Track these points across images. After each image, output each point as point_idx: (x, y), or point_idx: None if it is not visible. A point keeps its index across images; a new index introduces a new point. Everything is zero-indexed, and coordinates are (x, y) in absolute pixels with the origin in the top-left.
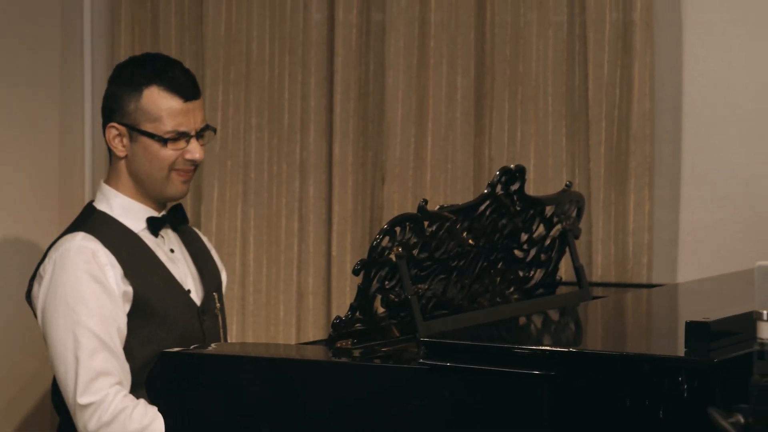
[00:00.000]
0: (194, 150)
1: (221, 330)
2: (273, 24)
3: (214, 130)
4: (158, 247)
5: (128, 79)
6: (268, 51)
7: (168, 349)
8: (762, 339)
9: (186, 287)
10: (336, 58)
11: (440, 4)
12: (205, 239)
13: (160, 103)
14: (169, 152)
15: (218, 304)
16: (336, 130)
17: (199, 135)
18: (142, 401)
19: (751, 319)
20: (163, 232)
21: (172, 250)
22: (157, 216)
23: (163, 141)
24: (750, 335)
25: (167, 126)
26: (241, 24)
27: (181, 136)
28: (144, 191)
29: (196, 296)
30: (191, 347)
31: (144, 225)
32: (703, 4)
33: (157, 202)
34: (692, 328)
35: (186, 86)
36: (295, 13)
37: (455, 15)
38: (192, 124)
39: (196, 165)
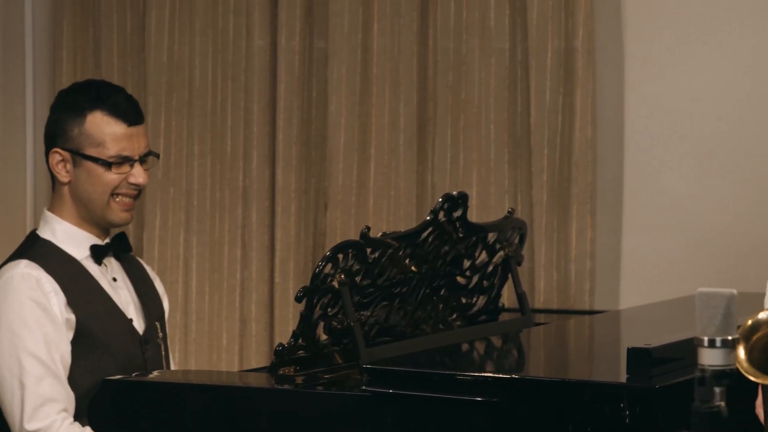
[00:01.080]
0: (138, 174)
1: (164, 359)
2: (215, 51)
3: (158, 156)
4: (101, 276)
5: (71, 104)
6: (211, 78)
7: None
8: (703, 365)
9: (128, 316)
10: (279, 84)
11: (383, 30)
12: (148, 268)
13: (103, 128)
14: (112, 176)
15: (161, 333)
16: (279, 156)
17: (143, 160)
18: (87, 429)
19: (692, 345)
20: (106, 261)
21: (114, 279)
22: (100, 244)
23: (108, 165)
24: (691, 361)
25: (111, 150)
26: (184, 51)
27: (125, 160)
28: (88, 216)
29: (139, 325)
30: (133, 375)
31: (87, 253)
32: (644, 31)
33: (101, 229)
34: (634, 354)
35: (129, 111)
36: (237, 39)
37: (398, 42)
38: (136, 149)
39: (139, 190)
